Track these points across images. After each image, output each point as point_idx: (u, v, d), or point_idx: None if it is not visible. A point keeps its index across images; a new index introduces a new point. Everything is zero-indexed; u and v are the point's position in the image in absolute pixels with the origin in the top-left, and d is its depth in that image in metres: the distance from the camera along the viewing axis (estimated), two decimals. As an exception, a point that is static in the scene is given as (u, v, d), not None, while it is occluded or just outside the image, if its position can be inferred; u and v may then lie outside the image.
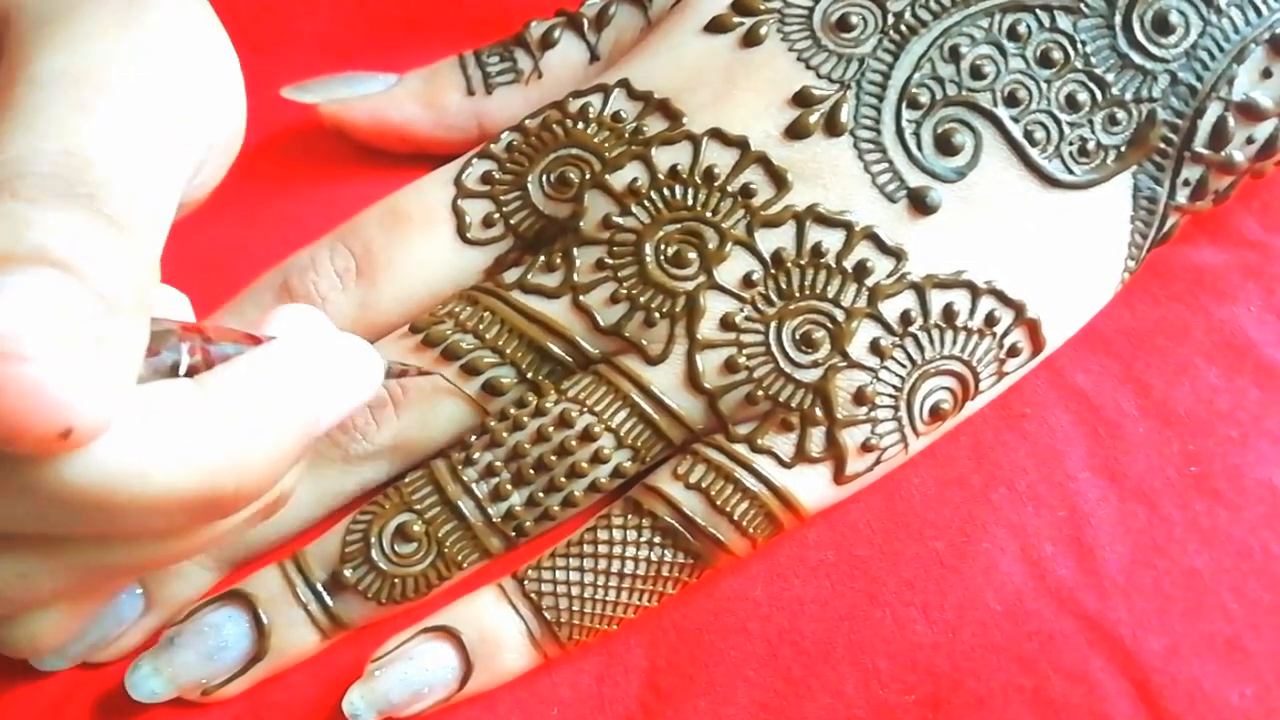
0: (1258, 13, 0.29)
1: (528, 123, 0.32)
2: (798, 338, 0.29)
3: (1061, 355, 0.31)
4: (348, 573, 0.28)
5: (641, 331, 0.29)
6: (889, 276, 0.29)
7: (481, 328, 0.30)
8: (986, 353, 0.29)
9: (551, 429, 0.29)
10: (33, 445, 0.17)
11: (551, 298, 0.30)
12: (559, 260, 0.30)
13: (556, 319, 0.30)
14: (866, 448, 0.28)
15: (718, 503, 0.28)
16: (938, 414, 0.29)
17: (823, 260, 0.29)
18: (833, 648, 0.28)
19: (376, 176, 0.35)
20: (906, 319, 0.29)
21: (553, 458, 0.29)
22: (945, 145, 0.29)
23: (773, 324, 0.29)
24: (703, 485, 0.28)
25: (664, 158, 0.30)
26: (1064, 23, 0.29)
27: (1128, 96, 0.29)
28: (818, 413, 0.28)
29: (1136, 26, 0.29)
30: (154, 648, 0.28)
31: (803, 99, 0.30)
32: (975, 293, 0.29)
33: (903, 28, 0.30)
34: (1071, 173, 0.29)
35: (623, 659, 0.29)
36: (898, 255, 0.29)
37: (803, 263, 0.29)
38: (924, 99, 0.29)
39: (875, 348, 0.28)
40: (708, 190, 0.29)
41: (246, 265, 0.32)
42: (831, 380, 0.28)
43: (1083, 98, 0.29)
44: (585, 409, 0.29)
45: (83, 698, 0.28)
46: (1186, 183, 0.30)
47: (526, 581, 0.28)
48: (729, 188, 0.29)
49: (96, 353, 0.18)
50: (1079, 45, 0.29)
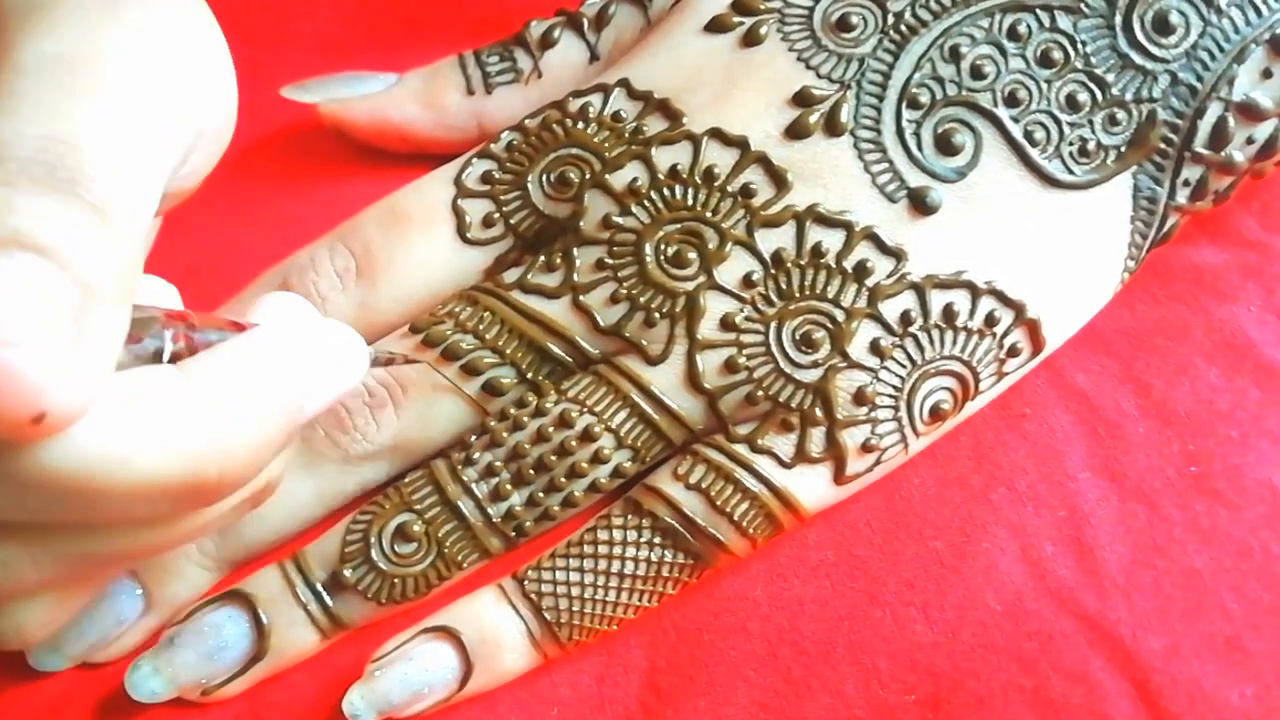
0: (1258, 13, 0.29)
1: (528, 122, 0.32)
2: (798, 338, 0.29)
3: (1061, 355, 0.31)
4: (348, 573, 0.28)
5: (641, 332, 0.29)
6: (889, 277, 0.29)
7: (481, 328, 0.30)
8: (986, 353, 0.29)
9: (551, 429, 0.29)
10: (5, 430, 0.17)
11: (551, 298, 0.30)
12: (559, 260, 0.30)
13: (556, 319, 0.30)
14: (866, 448, 0.28)
15: (718, 503, 0.28)
16: (938, 414, 0.29)
17: (823, 260, 0.29)
18: (833, 648, 0.28)
19: (376, 176, 0.35)
20: (906, 319, 0.29)
21: (553, 458, 0.28)
22: (945, 145, 0.29)
23: (773, 324, 0.29)
24: (703, 486, 0.28)
25: (664, 158, 0.30)
26: (1064, 23, 0.29)
27: (1128, 97, 0.29)
28: (818, 413, 0.28)
29: (1137, 27, 0.29)
30: (154, 648, 0.28)
31: (803, 99, 0.30)
32: (975, 293, 0.29)
33: (903, 28, 0.30)
34: (1072, 173, 0.29)
35: (623, 659, 0.29)
36: (898, 255, 0.29)
37: (803, 263, 0.29)
38: (924, 99, 0.29)
39: (875, 348, 0.28)
40: (708, 190, 0.29)
41: (246, 265, 0.32)
42: (831, 380, 0.28)
43: (1083, 98, 0.29)
44: (585, 409, 0.29)
45: (83, 698, 0.28)
46: (1186, 183, 0.30)
47: (526, 582, 0.28)
48: (729, 188, 0.29)
49: (73, 338, 0.18)
50: (1079, 45, 0.29)
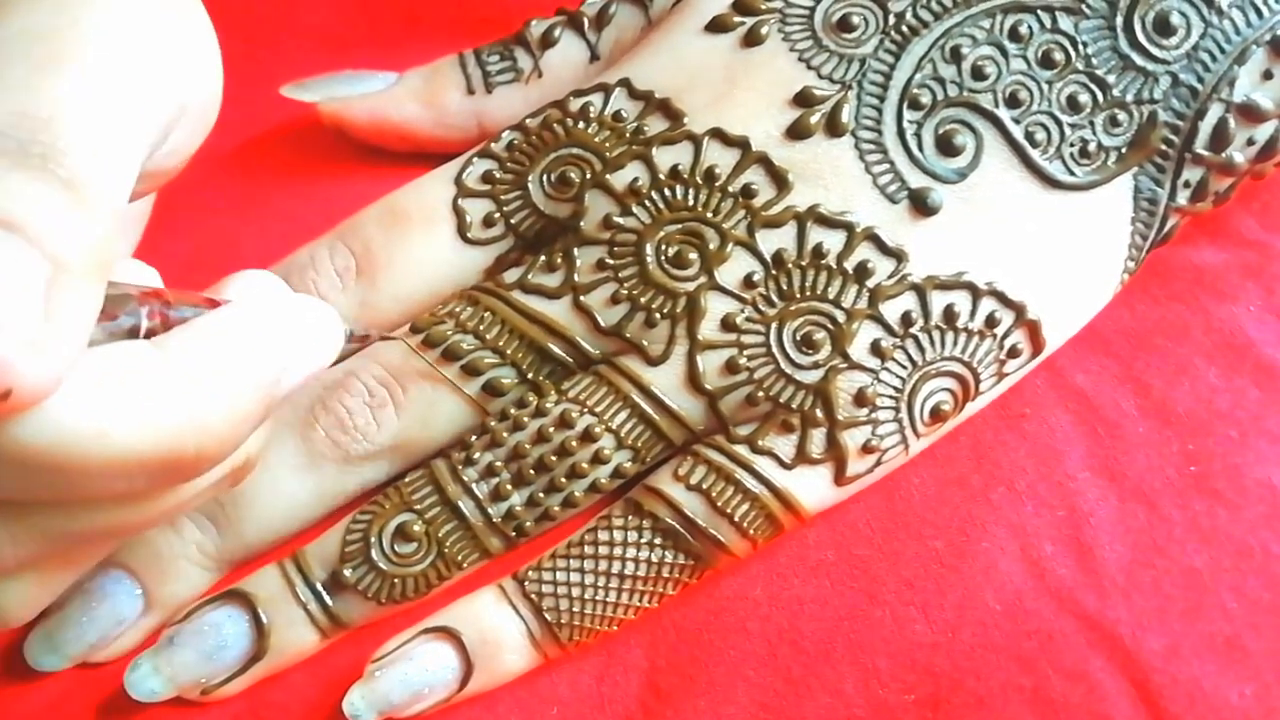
0: (1259, 14, 0.29)
1: (528, 122, 0.32)
2: (798, 339, 0.29)
3: (1061, 355, 0.31)
4: (347, 572, 0.28)
5: (642, 332, 0.29)
6: (890, 277, 0.29)
7: (482, 328, 0.30)
8: (987, 354, 0.29)
9: (552, 429, 0.29)
10: None
11: (552, 298, 0.30)
12: (560, 260, 0.30)
13: (557, 319, 0.29)
14: (867, 449, 0.28)
15: (718, 504, 0.28)
16: (938, 415, 0.29)
17: (824, 261, 0.29)
18: (832, 647, 0.28)
19: (376, 175, 0.35)
20: (907, 320, 0.28)
21: (553, 458, 0.28)
22: (946, 146, 0.29)
23: (773, 325, 0.29)
24: (703, 486, 0.28)
25: (665, 158, 0.30)
26: (1065, 24, 0.29)
27: (1129, 98, 0.29)
28: (818, 414, 0.28)
29: (1138, 28, 0.29)
30: (153, 647, 0.28)
31: (804, 99, 0.30)
32: (976, 294, 0.29)
33: (904, 28, 0.30)
34: (1072, 174, 0.29)
35: (623, 659, 0.29)
36: (899, 256, 0.29)
37: (804, 263, 0.29)
38: (925, 100, 0.29)
39: (876, 349, 0.28)
40: (709, 190, 0.29)
41: (245, 263, 0.31)
42: (832, 381, 0.28)
43: (1084, 99, 0.29)
44: (586, 409, 0.29)
45: (82, 698, 0.28)
46: (1187, 184, 0.30)
47: (527, 582, 0.28)
48: (730, 188, 0.29)
49: (43, 314, 0.18)
50: (1080, 46, 0.29)
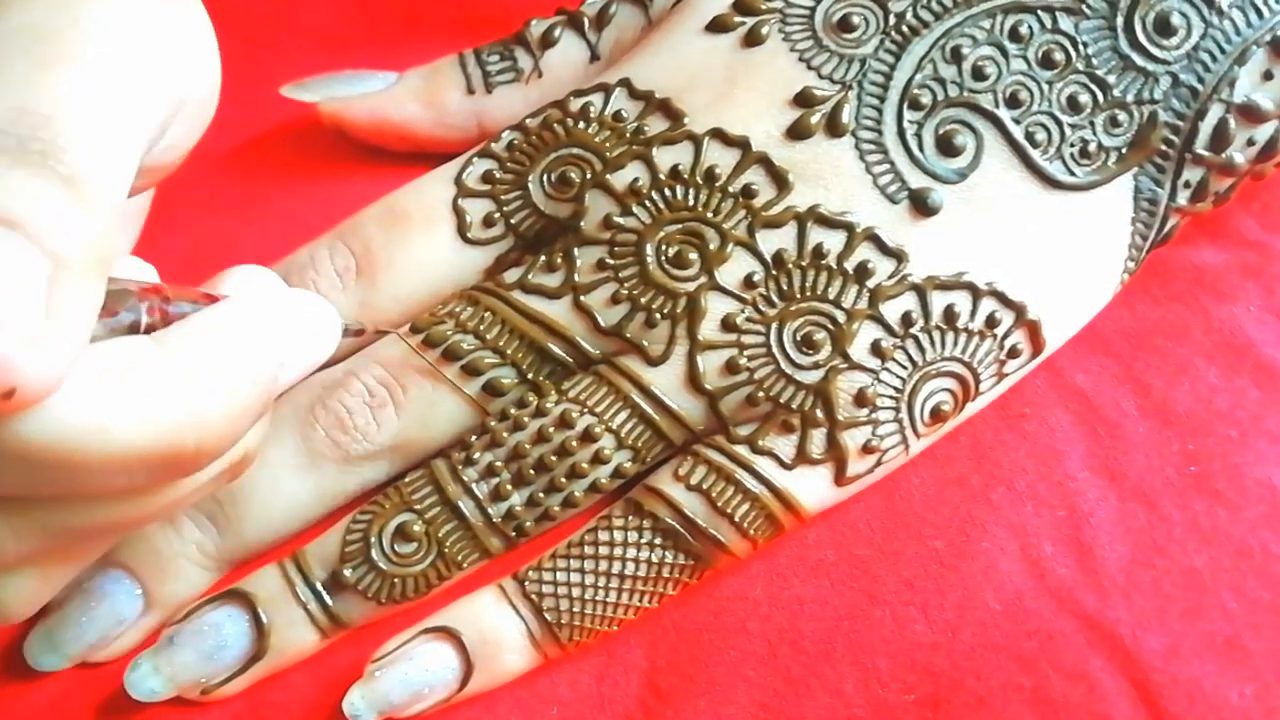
0: (1259, 15, 0.29)
1: (528, 122, 0.32)
2: (799, 339, 0.29)
3: (1061, 355, 0.31)
4: (347, 572, 0.28)
5: (642, 332, 0.29)
6: (890, 278, 0.29)
7: (482, 328, 0.30)
8: (987, 354, 0.29)
9: (552, 429, 0.29)
10: None
11: (552, 298, 0.30)
12: (560, 260, 0.30)
13: (557, 319, 0.29)
14: (867, 449, 0.28)
15: (719, 504, 0.28)
16: (938, 415, 0.29)
17: (824, 261, 0.29)
18: (832, 647, 0.28)
19: (376, 175, 0.35)
20: (907, 320, 0.28)
21: (553, 458, 0.28)
22: (947, 146, 0.29)
23: (774, 325, 0.29)
24: (704, 486, 0.28)
25: (665, 158, 0.30)
26: (1066, 24, 0.29)
27: (1129, 98, 0.29)
28: (819, 414, 0.28)
29: (1138, 28, 0.29)
30: (153, 646, 0.28)
31: (804, 99, 0.30)
32: (976, 294, 0.29)
33: (904, 28, 0.30)
34: (1073, 174, 0.29)
35: (623, 659, 0.29)
36: (899, 256, 0.29)
37: (804, 264, 0.29)
38: (925, 100, 0.29)
39: (876, 349, 0.28)
40: (709, 190, 0.29)
41: (245, 262, 0.32)
42: (832, 382, 0.28)
43: (1084, 99, 0.29)
44: (586, 410, 0.29)
45: (82, 697, 0.28)
46: (1187, 184, 0.30)
47: (527, 582, 0.28)
48: (730, 188, 0.29)
49: (45, 311, 0.18)
50: (1081, 47, 0.29)
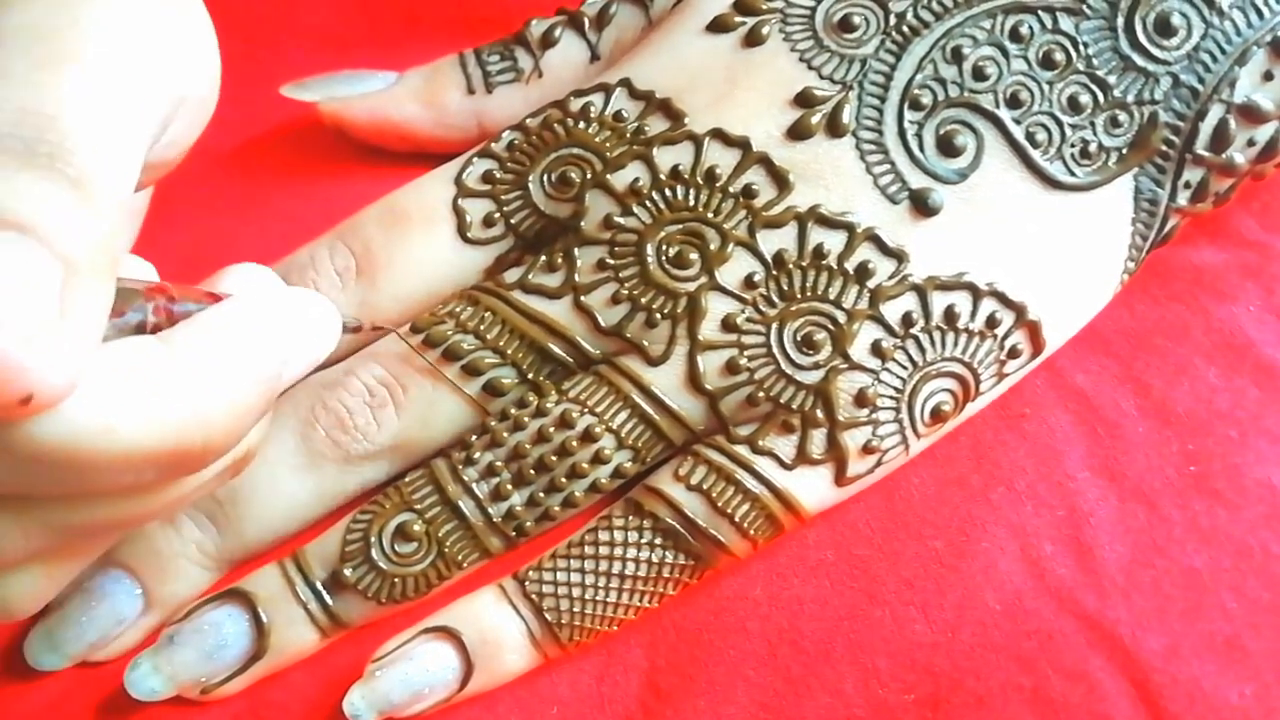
0: (1259, 15, 0.29)
1: (529, 122, 0.32)
2: (799, 339, 0.28)
3: (1061, 355, 0.31)
4: (347, 572, 0.28)
5: (643, 332, 0.29)
6: (890, 278, 0.29)
7: (482, 328, 0.30)
8: (987, 354, 0.29)
9: (552, 429, 0.29)
10: None
11: (553, 298, 0.30)
12: (560, 260, 0.30)
13: (557, 319, 0.29)
14: (868, 449, 0.28)
15: (719, 504, 0.28)
16: (939, 416, 0.29)
17: (824, 261, 0.29)
18: (832, 647, 0.28)
19: (376, 175, 0.35)
20: (908, 321, 0.28)
21: (553, 458, 0.28)
22: (947, 147, 0.29)
23: (774, 325, 0.29)
24: (704, 487, 0.28)
25: (665, 158, 0.30)
26: (1066, 24, 0.29)
27: (1129, 98, 0.29)
28: (819, 414, 0.28)
29: (1139, 28, 0.29)
30: (153, 646, 0.28)
31: (805, 99, 0.30)
32: (977, 294, 0.29)
33: (905, 28, 0.30)
34: (1073, 174, 0.29)
35: (622, 658, 0.29)
36: (899, 257, 0.29)
37: (804, 264, 0.29)
38: (926, 100, 0.29)
39: (877, 349, 0.28)
40: (709, 191, 0.29)
41: (245, 262, 0.32)
42: (833, 382, 0.28)
43: (1085, 99, 0.29)
44: (586, 409, 0.29)
45: (82, 697, 0.28)
46: (1187, 185, 0.30)
47: (527, 582, 0.28)
48: (731, 188, 0.29)
49: (58, 316, 0.18)
50: (1081, 47, 0.29)
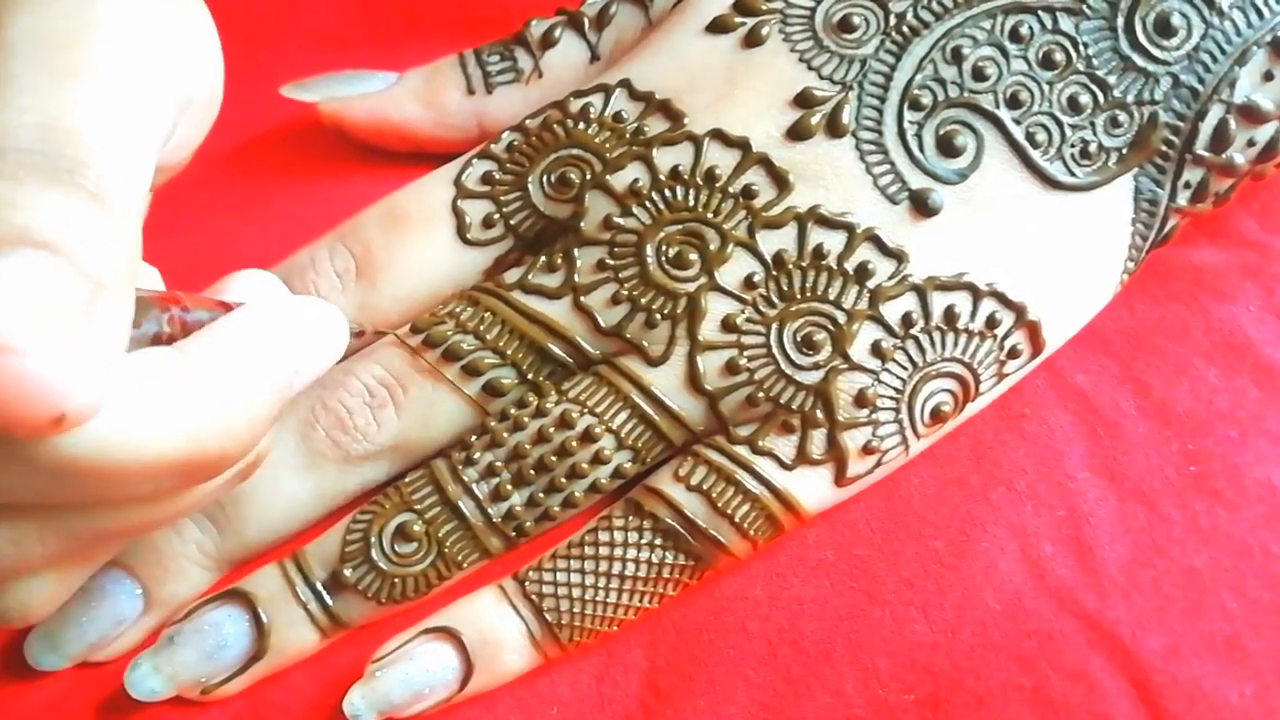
0: (1259, 15, 0.29)
1: (528, 123, 0.32)
2: (799, 339, 0.28)
3: (1061, 355, 0.31)
4: (348, 572, 0.28)
5: (642, 333, 0.29)
6: (890, 278, 0.29)
7: (482, 328, 0.30)
8: (987, 355, 0.29)
9: (552, 430, 0.28)
10: (27, 432, 0.17)
11: (552, 298, 0.30)
12: (560, 261, 0.30)
13: (557, 320, 0.29)
14: (868, 450, 0.28)
15: (719, 504, 0.28)
16: (938, 416, 0.29)
17: (824, 262, 0.29)
18: (832, 647, 0.28)
19: (376, 175, 0.35)
20: (908, 321, 0.28)
21: (553, 458, 0.28)
22: (947, 147, 0.29)
23: (774, 325, 0.29)
24: (704, 487, 0.28)
25: (665, 158, 0.30)
26: (1066, 25, 0.29)
27: (1129, 99, 0.29)
28: (819, 415, 0.28)
29: (1139, 28, 0.29)
30: (153, 646, 0.28)
31: (804, 100, 0.30)
32: (977, 295, 0.29)
33: (905, 29, 0.30)
34: (1073, 175, 0.29)
35: (622, 658, 0.29)
36: (899, 257, 0.29)
37: (804, 264, 0.29)
38: (926, 100, 0.29)
39: (876, 350, 0.28)
40: (709, 191, 0.29)
41: (245, 263, 0.31)
42: (833, 382, 0.28)
43: (1085, 100, 0.29)
44: (586, 410, 0.29)
45: (82, 697, 0.28)
46: (1187, 185, 0.30)
47: (527, 583, 0.28)
48: (730, 189, 0.29)
49: (86, 335, 0.18)
50: (1081, 47, 0.29)
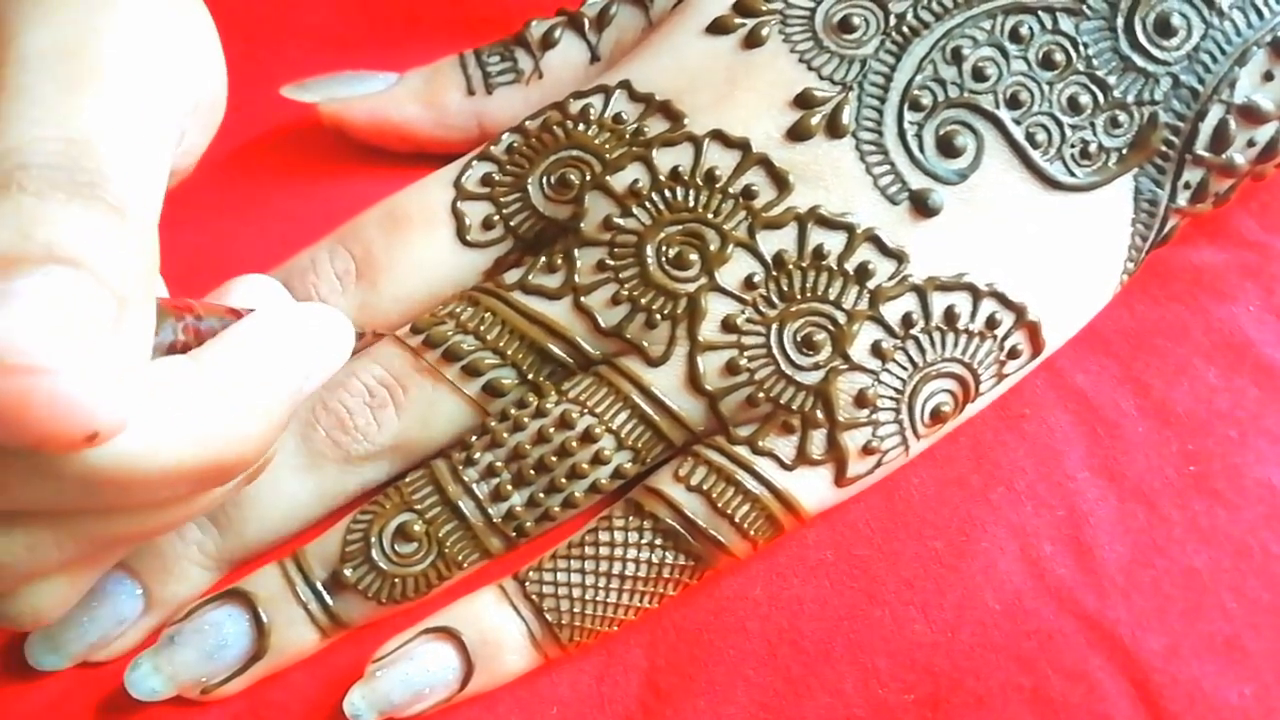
0: (1259, 15, 0.29)
1: (528, 124, 0.32)
2: (799, 340, 0.29)
3: (1061, 356, 0.31)
4: (348, 572, 0.28)
5: (643, 333, 0.29)
6: (890, 279, 0.29)
7: (482, 329, 0.30)
8: (987, 355, 0.29)
9: (552, 430, 0.29)
10: (59, 449, 0.18)
11: (552, 299, 0.30)
12: (560, 261, 0.30)
13: (558, 320, 0.29)
14: (868, 450, 0.28)
15: (719, 505, 0.28)
16: (938, 416, 0.29)
17: (824, 262, 0.29)
18: (832, 647, 0.28)
19: (376, 176, 0.35)
20: (908, 321, 0.28)
21: (553, 458, 0.28)
22: (947, 147, 0.29)
23: (774, 326, 0.29)
24: (704, 487, 0.28)
25: (665, 159, 0.30)
26: (1066, 25, 0.29)
27: (1129, 99, 0.29)
28: (819, 415, 0.28)
29: (1139, 29, 0.29)
30: (154, 646, 0.28)
31: (804, 100, 0.30)
32: (977, 295, 0.29)
33: (905, 29, 0.30)
34: (1073, 175, 0.29)
35: (622, 658, 0.29)
36: (899, 257, 0.29)
37: (804, 265, 0.29)
38: (926, 101, 0.29)
39: (877, 350, 0.28)
40: (709, 192, 0.29)
41: (245, 263, 0.32)
42: (833, 382, 0.28)
43: (1085, 100, 0.29)
44: (586, 410, 0.29)
45: (83, 697, 0.28)
46: (1187, 185, 0.30)
47: (528, 583, 0.28)
48: (730, 189, 0.29)
49: (115, 351, 0.18)
50: (1081, 47, 0.29)
